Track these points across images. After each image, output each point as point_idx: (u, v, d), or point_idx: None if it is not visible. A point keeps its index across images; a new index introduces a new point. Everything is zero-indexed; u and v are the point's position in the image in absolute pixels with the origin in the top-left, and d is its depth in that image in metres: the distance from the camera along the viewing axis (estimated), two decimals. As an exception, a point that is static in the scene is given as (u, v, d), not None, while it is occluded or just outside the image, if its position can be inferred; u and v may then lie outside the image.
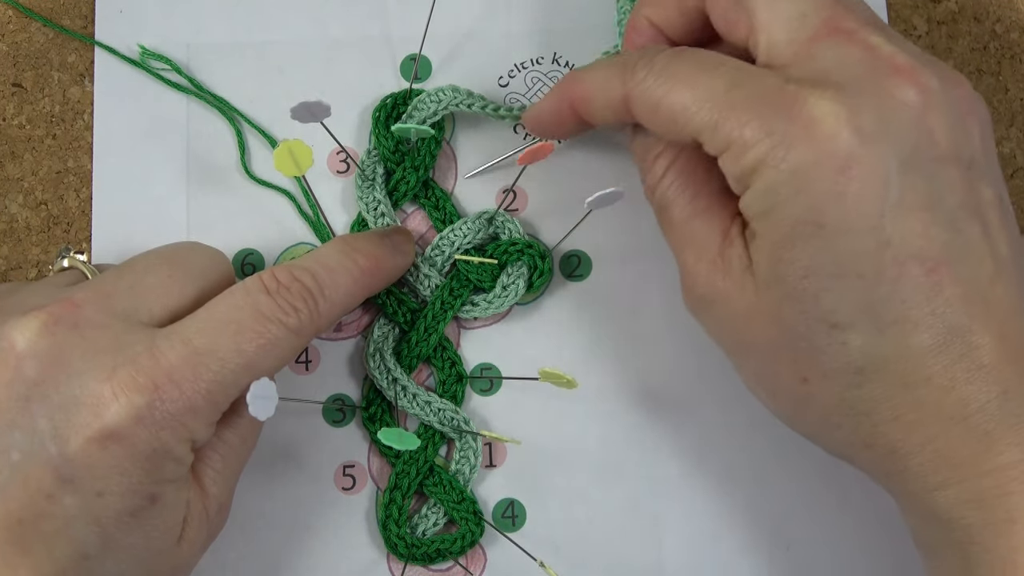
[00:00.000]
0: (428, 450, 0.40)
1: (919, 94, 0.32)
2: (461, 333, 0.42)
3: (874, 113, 0.32)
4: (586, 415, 0.42)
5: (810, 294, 0.32)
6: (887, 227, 0.31)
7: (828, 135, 0.31)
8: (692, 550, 0.41)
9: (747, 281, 0.34)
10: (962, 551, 0.32)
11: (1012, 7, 0.45)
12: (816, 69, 0.33)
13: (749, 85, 0.33)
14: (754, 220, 0.33)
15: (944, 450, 0.32)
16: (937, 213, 0.32)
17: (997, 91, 0.44)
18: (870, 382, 0.32)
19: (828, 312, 0.32)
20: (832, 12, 0.34)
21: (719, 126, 0.33)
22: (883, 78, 0.32)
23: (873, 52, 0.33)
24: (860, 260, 0.31)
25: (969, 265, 0.32)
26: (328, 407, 0.41)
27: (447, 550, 0.40)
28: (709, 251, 0.35)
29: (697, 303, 0.36)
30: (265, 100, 0.43)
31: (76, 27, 0.43)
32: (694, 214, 0.36)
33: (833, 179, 0.31)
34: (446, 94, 0.42)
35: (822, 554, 0.41)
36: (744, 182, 0.33)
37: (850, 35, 0.33)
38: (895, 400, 0.32)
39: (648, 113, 0.35)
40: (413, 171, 0.41)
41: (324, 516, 0.41)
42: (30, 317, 0.33)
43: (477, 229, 0.41)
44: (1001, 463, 0.31)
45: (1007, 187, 0.44)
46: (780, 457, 0.41)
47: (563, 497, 0.41)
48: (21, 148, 0.43)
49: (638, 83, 0.35)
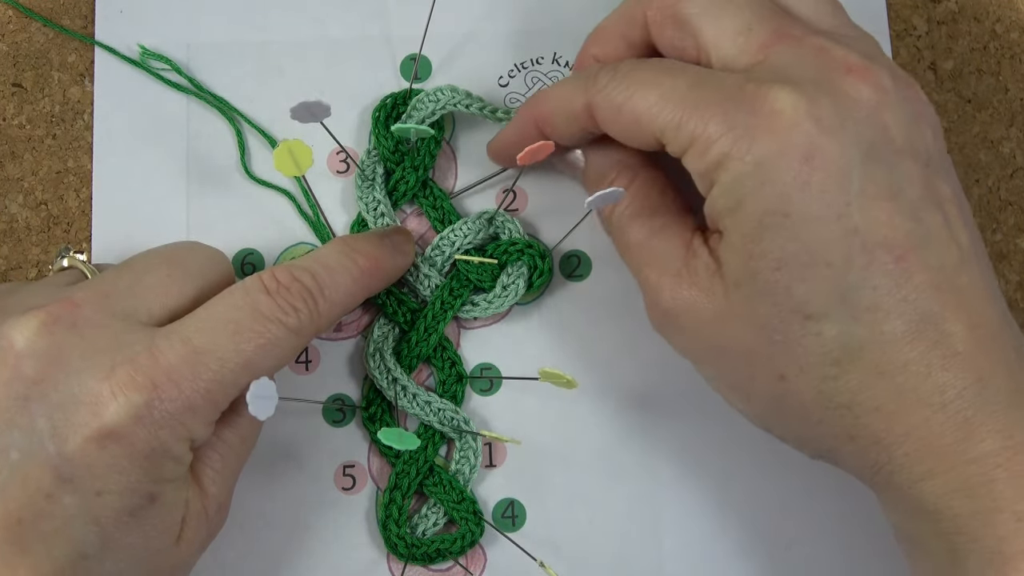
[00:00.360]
0: (428, 450, 0.40)
1: (873, 91, 0.33)
2: (461, 333, 0.42)
3: (832, 107, 0.32)
4: (586, 415, 0.42)
5: (782, 286, 0.32)
6: (853, 215, 0.32)
7: (790, 125, 0.32)
8: (692, 550, 0.41)
9: (716, 285, 0.34)
10: (949, 543, 0.32)
11: (1012, 7, 0.45)
12: (772, 70, 0.33)
13: (710, 84, 0.34)
14: (722, 217, 0.33)
15: (927, 438, 0.32)
16: (900, 203, 0.32)
17: (997, 91, 0.44)
18: (847, 372, 0.32)
19: (801, 303, 0.32)
20: (778, 22, 0.34)
21: (682, 124, 0.33)
22: (837, 77, 0.33)
23: (825, 54, 0.34)
24: (829, 248, 0.32)
25: (935, 253, 0.33)
26: (328, 407, 0.41)
27: (447, 550, 0.40)
28: (672, 265, 0.35)
29: (663, 317, 0.36)
30: (265, 100, 0.43)
31: (76, 27, 0.43)
32: (652, 233, 0.36)
33: (797, 168, 0.32)
34: (444, 94, 0.42)
35: (822, 554, 0.41)
36: (709, 178, 0.33)
37: (800, 40, 0.34)
38: (874, 389, 0.32)
39: (611, 117, 0.35)
40: (412, 171, 0.41)
41: (324, 516, 0.41)
42: (29, 316, 0.33)
43: (478, 229, 0.41)
44: (984, 451, 0.31)
45: (1007, 187, 0.44)
46: (780, 457, 0.41)
47: (563, 497, 0.41)
48: (21, 148, 0.43)
49: (600, 89, 0.36)
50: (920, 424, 0.32)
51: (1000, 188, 0.44)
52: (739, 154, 0.32)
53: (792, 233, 0.32)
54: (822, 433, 0.34)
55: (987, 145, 0.44)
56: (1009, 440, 0.31)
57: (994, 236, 0.44)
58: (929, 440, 0.32)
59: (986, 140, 0.44)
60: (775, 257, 0.32)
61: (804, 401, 0.33)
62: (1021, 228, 0.44)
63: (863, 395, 0.32)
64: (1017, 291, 0.43)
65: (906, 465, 0.32)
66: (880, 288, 0.32)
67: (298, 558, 0.40)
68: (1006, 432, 0.32)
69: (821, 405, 0.33)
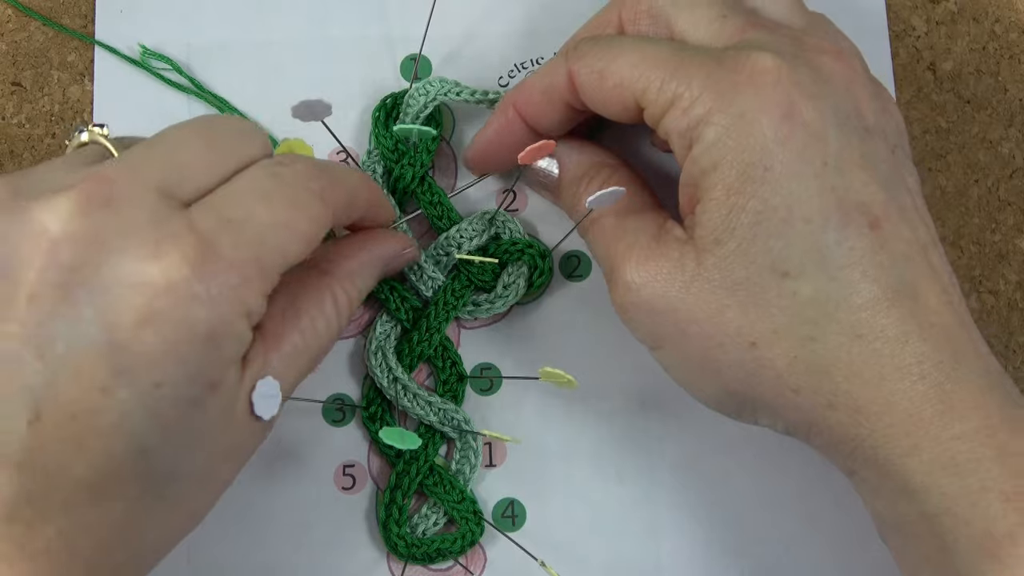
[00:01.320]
0: (428, 450, 0.40)
1: (847, 70, 0.34)
2: (461, 333, 0.42)
3: (810, 76, 0.33)
4: (586, 415, 0.42)
5: (760, 240, 0.32)
6: (830, 175, 0.33)
7: (772, 82, 0.33)
8: (692, 550, 0.41)
9: (686, 255, 0.34)
10: (937, 526, 0.32)
11: (1011, 7, 0.45)
12: (750, 44, 0.34)
13: (692, 50, 0.35)
14: (704, 175, 0.33)
15: (909, 410, 0.32)
16: (874, 174, 0.33)
17: (997, 91, 0.45)
18: (823, 336, 0.32)
19: (779, 259, 0.32)
20: (751, 14, 0.36)
21: (664, 83, 0.34)
22: (813, 56, 0.34)
23: (800, 38, 0.35)
24: (807, 204, 0.32)
25: (909, 227, 0.33)
26: (328, 407, 0.41)
27: (447, 550, 0.40)
28: (644, 237, 0.35)
29: (629, 295, 0.35)
30: (265, 100, 0.43)
31: (76, 26, 0.43)
32: (626, 215, 0.37)
33: (778, 124, 0.32)
34: (433, 85, 0.42)
35: (821, 554, 0.41)
36: (690, 136, 0.34)
37: (774, 27, 0.35)
38: (851, 354, 0.32)
39: (593, 83, 0.36)
40: (410, 167, 0.41)
41: (324, 516, 0.41)
42: (61, 197, 0.30)
43: (481, 229, 0.41)
44: (967, 428, 0.31)
45: (1006, 187, 0.44)
46: (780, 457, 0.41)
47: (563, 497, 0.41)
48: (20, 147, 0.43)
49: (580, 56, 0.36)
50: (900, 394, 0.32)
51: (999, 188, 0.44)
52: (722, 107, 0.33)
53: (772, 188, 0.32)
54: (799, 403, 0.33)
55: (986, 145, 0.44)
56: (988, 420, 0.31)
57: (993, 236, 0.44)
58: (911, 412, 0.32)
59: (985, 140, 0.44)
60: (755, 210, 0.32)
61: (779, 368, 0.33)
62: (1020, 228, 0.44)
63: (841, 360, 0.32)
64: (1017, 291, 0.43)
65: (891, 437, 0.32)
66: (856, 249, 0.32)
67: (298, 558, 0.40)
68: (984, 411, 0.32)
69: (797, 371, 0.33)
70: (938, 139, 0.44)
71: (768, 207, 0.32)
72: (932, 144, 0.44)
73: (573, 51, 0.36)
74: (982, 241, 0.44)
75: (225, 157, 0.33)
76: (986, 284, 0.43)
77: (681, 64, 0.34)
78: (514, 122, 0.39)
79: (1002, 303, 0.43)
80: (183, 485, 0.32)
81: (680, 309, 0.34)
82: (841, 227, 0.32)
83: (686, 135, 0.34)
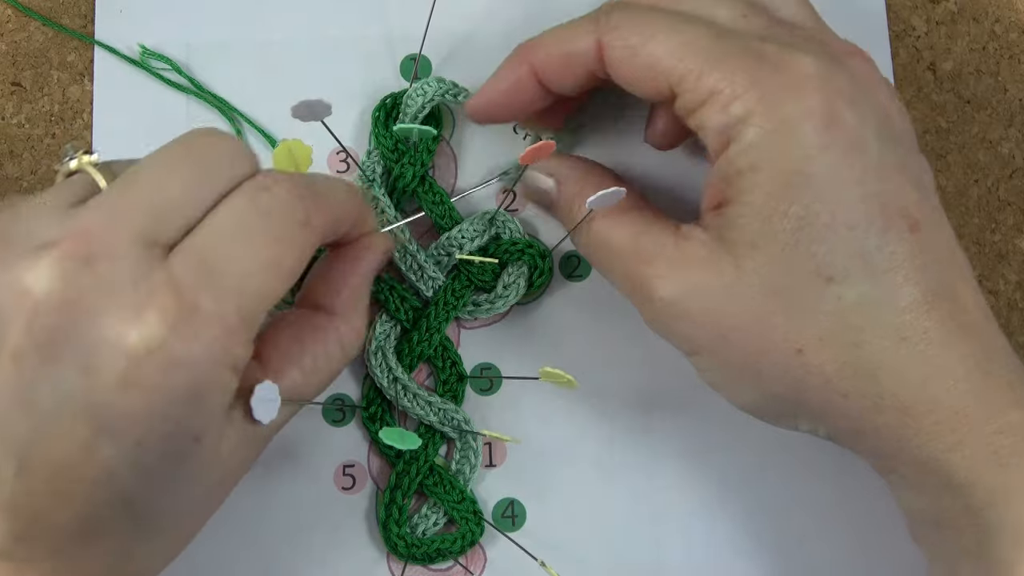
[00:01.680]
0: (428, 450, 0.40)
1: (872, 72, 0.35)
2: (461, 333, 0.42)
3: (848, 82, 0.33)
4: (586, 415, 0.42)
5: (803, 246, 0.32)
6: (871, 182, 0.33)
7: (815, 89, 0.33)
8: (692, 550, 0.41)
9: (721, 259, 0.33)
10: (979, 520, 0.32)
11: (1011, 7, 0.45)
12: (784, 40, 0.34)
13: (732, 39, 0.34)
14: (741, 175, 0.33)
15: (954, 407, 0.32)
16: (909, 175, 0.33)
17: (997, 91, 0.45)
18: (869, 340, 0.32)
19: (823, 264, 0.32)
20: (769, 14, 0.36)
21: (703, 75, 0.33)
22: (844, 56, 0.34)
23: (822, 40, 0.35)
24: (850, 210, 0.32)
25: (943, 232, 0.34)
26: (328, 407, 0.41)
27: (447, 550, 0.40)
28: (663, 247, 0.35)
29: (663, 308, 0.35)
30: (265, 100, 0.43)
31: (76, 26, 0.43)
32: (637, 232, 0.36)
33: (822, 131, 0.32)
34: (431, 85, 0.42)
35: (822, 554, 0.41)
36: (728, 134, 0.33)
37: (793, 28, 0.35)
38: (897, 356, 0.32)
39: (624, 59, 0.35)
40: (410, 167, 0.41)
41: (324, 516, 0.41)
42: (42, 257, 0.30)
43: (482, 229, 0.41)
44: (1010, 422, 0.32)
45: (1006, 187, 0.44)
46: (780, 456, 0.41)
47: (563, 497, 0.41)
48: (20, 147, 0.43)
49: (613, 27, 0.35)
50: (945, 392, 0.32)
51: (999, 188, 0.44)
52: (765, 111, 0.32)
53: (815, 194, 0.32)
54: (847, 408, 0.33)
55: (986, 145, 0.44)
56: None
57: (993, 236, 0.44)
58: (956, 409, 0.32)
59: (985, 140, 0.44)
60: (798, 216, 0.32)
61: (827, 374, 0.33)
62: (1020, 228, 0.44)
63: (887, 362, 0.32)
64: (1017, 291, 0.43)
65: (936, 435, 0.32)
66: (898, 253, 0.32)
67: (298, 558, 0.40)
68: (1020, 405, 0.32)
69: (845, 376, 0.33)
70: (938, 139, 0.44)
71: (811, 213, 0.32)
72: (932, 144, 0.44)
73: (605, 19, 0.35)
74: (982, 241, 0.44)
75: (211, 183, 0.32)
76: (986, 284, 0.43)
77: (722, 57, 0.33)
78: (527, 80, 0.38)
79: (1002, 303, 0.43)
80: (172, 519, 0.32)
81: (721, 317, 0.34)
82: (883, 231, 0.32)
83: (724, 132, 0.33)
